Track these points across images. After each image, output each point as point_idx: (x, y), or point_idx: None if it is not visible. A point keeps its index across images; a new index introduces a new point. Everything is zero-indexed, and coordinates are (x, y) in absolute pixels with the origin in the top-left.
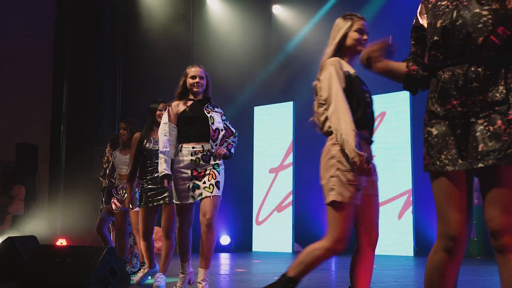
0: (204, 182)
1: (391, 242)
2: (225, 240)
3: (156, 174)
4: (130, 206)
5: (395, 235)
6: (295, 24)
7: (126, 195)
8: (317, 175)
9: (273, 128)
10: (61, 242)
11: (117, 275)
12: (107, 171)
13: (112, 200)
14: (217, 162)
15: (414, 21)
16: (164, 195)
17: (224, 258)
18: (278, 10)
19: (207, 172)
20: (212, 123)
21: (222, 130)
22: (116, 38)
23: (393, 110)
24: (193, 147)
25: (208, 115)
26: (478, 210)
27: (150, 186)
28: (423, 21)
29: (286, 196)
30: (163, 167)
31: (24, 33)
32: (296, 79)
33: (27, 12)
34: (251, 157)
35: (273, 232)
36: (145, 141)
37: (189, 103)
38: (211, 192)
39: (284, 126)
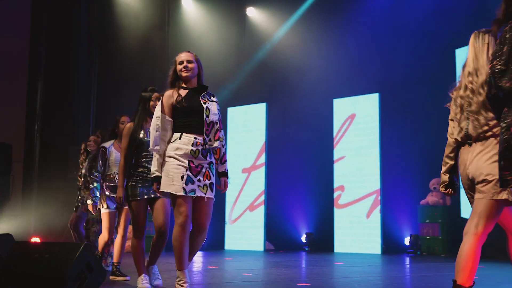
0: (199, 180)
1: (360, 240)
2: None
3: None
4: (125, 201)
5: (364, 233)
6: (269, 27)
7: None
8: (288, 175)
9: (246, 128)
10: (35, 240)
11: (93, 270)
12: (88, 168)
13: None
14: (211, 161)
15: None
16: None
17: (197, 256)
18: (252, 12)
19: (203, 170)
20: (207, 116)
21: (216, 123)
22: (92, 38)
23: (363, 112)
24: (195, 138)
25: (204, 106)
26: (443, 210)
27: (141, 179)
28: None
29: (259, 195)
30: (155, 168)
31: None
32: (270, 81)
33: (2, 11)
34: None
35: (245, 231)
36: (138, 132)
37: (184, 92)
38: (205, 193)
39: (257, 127)
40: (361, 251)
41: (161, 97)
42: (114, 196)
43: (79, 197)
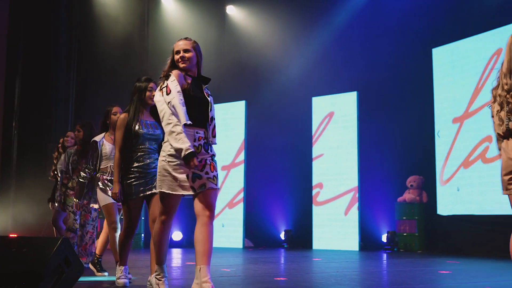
0: (207, 173)
1: (338, 237)
2: (177, 236)
3: (148, 161)
4: (121, 197)
5: (342, 230)
6: (248, 25)
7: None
8: (267, 173)
9: (225, 126)
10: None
11: (71, 265)
12: (67, 163)
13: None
14: (213, 153)
15: None
16: (150, 185)
17: (176, 253)
18: (232, 10)
19: (208, 162)
20: (210, 110)
21: (214, 118)
22: (71, 36)
23: (341, 110)
24: (197, 132)
25: (208, 98)
26: (419, 207)
27: (137, 175)
28: None
29: (238, 193)
30: (188, 144)
31: None
32: (249, 79)
33: None
34: None
35: (224, 228)
36: (133, 123)
37: (189, 80)
38: (216, 185)
39: (236, 124)
40: (339, 247)
41: (170, 75)
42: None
43: (56, 194)
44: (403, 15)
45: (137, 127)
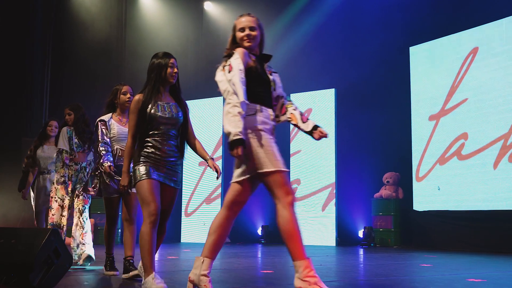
0: None
1: (315, 233)
2: None
3: (166, 148)
4: (130, 189)
5: (319, 226)
6: (226, 21)
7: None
8: None
9: (203, 121)
10: None
11: (60, 256)
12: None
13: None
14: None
15: None
16: (164, 175)
17: None
18: (209, 7)
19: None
20: (274, 89)
21: (282, 97)
22: (46, 31)
23: (319, 107)
24: (272, 111)
25: (271, 77)
26: (395, 203)
27: (151, 161)
28: None
29: (215, 188)
30: (238, 129)
31: None
32: None
33: None
34: None
35: (202, 224)
36: (149, 105)
37: (254, 58)
38: None
39: (214, 119)
40: (317, 243)
41: (234, 53)
42: (117, 178)
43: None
44: (381, 13)
45: (152, 110)
